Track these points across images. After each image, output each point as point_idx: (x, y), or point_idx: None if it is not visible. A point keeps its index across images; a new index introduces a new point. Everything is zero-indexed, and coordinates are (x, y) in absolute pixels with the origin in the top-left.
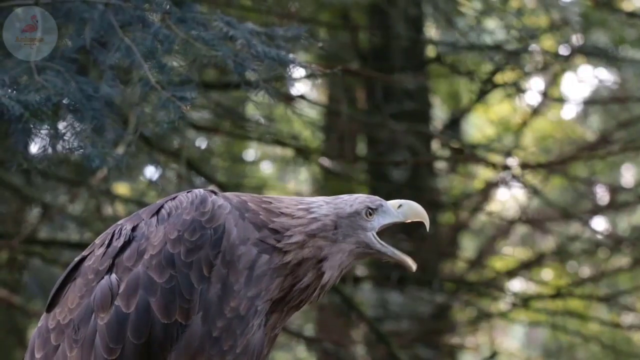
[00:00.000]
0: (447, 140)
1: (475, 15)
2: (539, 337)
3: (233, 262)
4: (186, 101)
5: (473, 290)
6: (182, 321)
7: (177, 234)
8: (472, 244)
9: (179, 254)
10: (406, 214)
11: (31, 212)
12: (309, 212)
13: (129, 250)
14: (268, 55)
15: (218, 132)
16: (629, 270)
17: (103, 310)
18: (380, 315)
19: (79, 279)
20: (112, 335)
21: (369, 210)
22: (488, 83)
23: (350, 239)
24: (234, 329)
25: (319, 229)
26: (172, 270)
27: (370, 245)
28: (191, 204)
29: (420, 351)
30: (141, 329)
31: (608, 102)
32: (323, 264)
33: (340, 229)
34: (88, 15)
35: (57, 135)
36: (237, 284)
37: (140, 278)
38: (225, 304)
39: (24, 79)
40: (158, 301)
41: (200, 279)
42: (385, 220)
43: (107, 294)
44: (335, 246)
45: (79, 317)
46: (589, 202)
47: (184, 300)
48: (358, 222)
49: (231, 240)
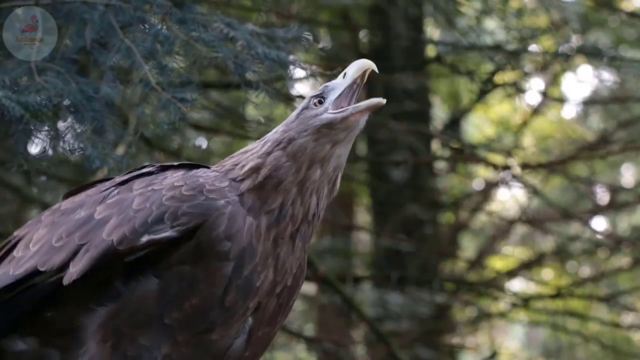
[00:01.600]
0: (447, 140)
1: (475, 15)
2: (539, 337)
3: (208, 259)
4: (187, 102)
5: (473, 290)
6: (115, 244)
7: (181, 183)
8: (472, 244)
9: (163, 196)
10: (351, 75)
11: (31, 212)
12: (261, 141)
13: (144, 178)
14: (268, 56)
15: (218, 132)
16: (629, 270)
17: (86, 210)
18: (380, 316)
19: (97, 185)
20: (67, 230)
21: (314, 100)
22: (488, 83)
23: (307, 131)
24: (195, 324)
25: (270, 146)
26: (148, 204)
27: (329, 121)
28: (214, 177)
29: (421, 351)
30: (87, 235)
31: (608, 102)
32: (298, 168)
33: (292, 132)
34: (88, 16)
35: (58, 136)
36: (206, 285)
37: (127, 200)
38: (184, 299)
39: (24, 80)
40: (116, 220)
41: (156, 221)
42: (336, 93)
43: (99, 200)
44: (295, 146)
45: (71, 209)
46: (589, 202)
47: (131, 229)
48: (308, 114)
49: (214, 234)
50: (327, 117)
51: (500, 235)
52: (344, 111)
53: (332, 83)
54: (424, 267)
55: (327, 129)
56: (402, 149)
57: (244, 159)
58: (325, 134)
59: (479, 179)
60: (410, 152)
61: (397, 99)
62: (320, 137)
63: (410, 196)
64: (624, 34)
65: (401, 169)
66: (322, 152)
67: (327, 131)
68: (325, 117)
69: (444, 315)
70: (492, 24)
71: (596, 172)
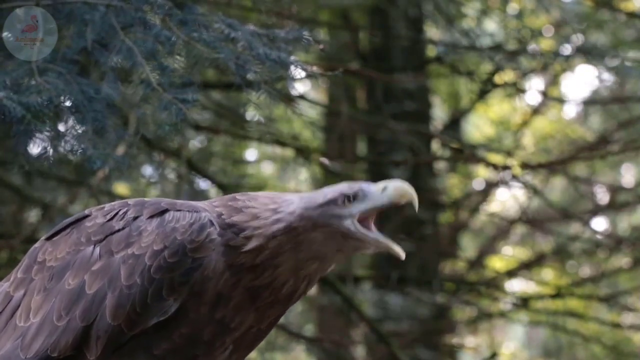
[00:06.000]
0: (447, 140)
1: (475, 15)
2: (539, 337)
3: (199, 294)
4: (188, 103)
5: (473, 290)
6: (125, 329)
7: (161, 246)
8: (472, 244)
9: (150, 267)
10: (390, 196)
11: (31, 212)
12: (276, 212)
13: (120, 235)
14: (269, 57)
15: (218, 132)
16: (629, 270)
17: (74, 278)
18: (380, 316)
19: (75, 234)
20: (65, 305)
21: (344, 198)
22: (488, 83)
23: (321, 229)
24: (184, 353)
25: (279, 230)
26: (138, 279)
27: (349, 231)
28: (189, 226)
29: (421, 352)
30: (89, 315)
31: (608, 102)
32: (295, 257)
33: (309, 222)
34: (89, 17)
35: (59, 137)
36: (195, 312)
37: (112, 268)
38: (174, 328)
39: (25, 81)
40: (113, 299)
41: (156, 298)
42: (367, 205)
43: (84, 264)
44: (303, 236)
45: (57, 269)
46: (589, 202)
47: (134, 311)
48: (332, 211)
49: (205, 274)
50: (349, 228)
51: (500, 235)
52: (368, 234)
53: (370, 190)
54: (424, 267)
55: (343, 237)
56: (402, 149)
57: (251, 228)
58: (338, 239)
59: (479, 179)
60: (410, 152)
61: (397, 99)
62: (331, 239)
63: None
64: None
65: (401, 169)
66: (326, 252)
67: (342, 239)
68: (346, 226)
69: (444, 316)
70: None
71: (596, 172)
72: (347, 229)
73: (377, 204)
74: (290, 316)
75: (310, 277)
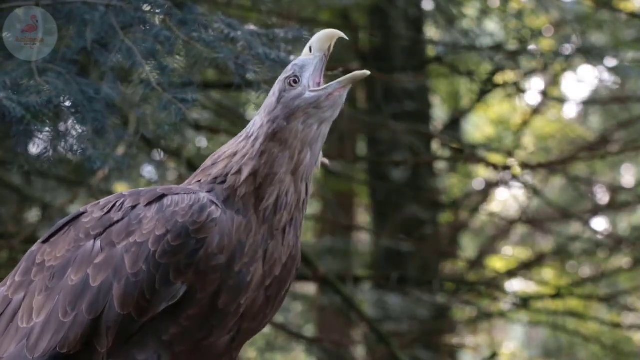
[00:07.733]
0: (447, 140)
1: (475, 15)
2: (539, 337)
3: (205, 272)
4: (188, 103)
5: (473, 290)
6: (135, 316)
7: (163, 231)
8: (472, 244)
9: (154, 253)
10: (319, 48)
11: (31, 212)
12: (248, 137)
13: (120, 226)
14: (269, 57)
15: (218, 132)
16: (629, 270)
17: (77, 273)
18: (380, 316)
19: (72, 232)
20: (70, 301)
21: (289, 81)
22: (488, 83)
23: (294, 116)
24: (194, 334)
25: (262, 144)
26: (144, 266)
27: (315, 99)
28: (189, 208)
29: (421, 352)
30: (96, 307)
31: (608, 102)
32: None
33: (281, 120)
34: (89, 17)
35: (59, 137)
36: (202, 292)
37: (116, 259)
38: (181, 311)
39: (25, 81)
40: (120, 289)
41: (164, 283)
42: (310, 70)
43: (86, 259)
44: (285, 132)
45: (58, 268)
46: (589, 202)
47: (143, 298)
48: (289, 97)
49: (209, 251)
50: (313, 96)
51: (500, 235)
52: (328, 87)
53: (300, 60)
54: (424, 267)
55: (314, 108)
56: (402, 149)
57: (235, 164)
58: (312, 114)
59: (479, 179)
60: (410, 152)
61: (397, 99)
62: (307, 118)
63: (410, 196)
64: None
65: (401, 169)
66: (311, 134)
67: (315, 111)
68: (310, 97)
69: (444, 316)
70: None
71: (596, 172)
72: (313, 98)
73: (316, 63)
74: (290, 316)
75: (306, 174)
